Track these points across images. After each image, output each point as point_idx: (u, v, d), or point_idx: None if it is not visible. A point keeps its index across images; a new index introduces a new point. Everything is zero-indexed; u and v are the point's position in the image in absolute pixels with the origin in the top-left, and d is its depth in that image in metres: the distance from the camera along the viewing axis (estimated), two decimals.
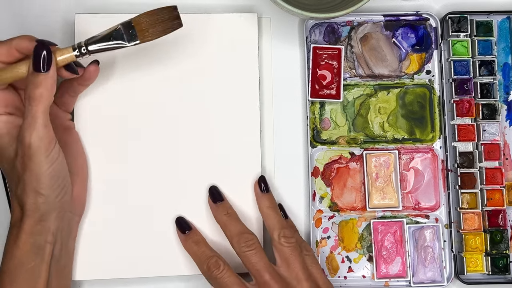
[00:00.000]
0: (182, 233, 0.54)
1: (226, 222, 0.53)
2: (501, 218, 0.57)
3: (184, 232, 0.54)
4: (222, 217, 0.53)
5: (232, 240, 0.51)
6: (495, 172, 0.57)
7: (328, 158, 0.58)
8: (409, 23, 0.60)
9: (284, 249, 0.51)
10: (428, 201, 0.58)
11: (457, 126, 0.58)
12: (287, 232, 0.52)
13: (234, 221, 0.53)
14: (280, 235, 0.51)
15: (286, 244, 0.51)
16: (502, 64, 0.60)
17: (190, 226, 0.54)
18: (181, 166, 0.56)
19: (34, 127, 0.45)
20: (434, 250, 0.57)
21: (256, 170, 0.56)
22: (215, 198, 0.54)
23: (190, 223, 0.55)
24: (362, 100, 0.59)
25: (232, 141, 0.56)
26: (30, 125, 0.45)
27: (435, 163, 0.59)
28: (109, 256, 0.55)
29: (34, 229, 0.47)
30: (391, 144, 0.59)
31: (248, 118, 0.57)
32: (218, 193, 0.55)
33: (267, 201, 0.54)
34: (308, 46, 0.59)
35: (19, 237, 0.47)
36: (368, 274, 0.57)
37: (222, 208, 0.54)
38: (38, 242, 0.47)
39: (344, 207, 0.58)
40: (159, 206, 0.55)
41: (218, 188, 0.55)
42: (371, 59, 0.59)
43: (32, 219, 0.47)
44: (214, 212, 0.54)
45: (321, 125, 0.59)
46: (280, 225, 0.52)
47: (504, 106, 0.60)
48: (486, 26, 0.59)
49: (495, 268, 0.56)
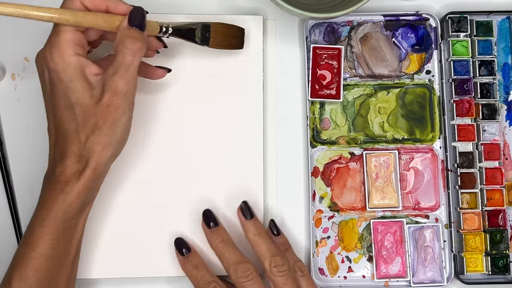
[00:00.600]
0: (181, 254, 0.53)
1: (222, 249, 0.52)
2: (501, 218, 0.57)
3: (182, 253, 0.53)
4: (217, 244, 0.52)
5: (229, 270, 0.50)
6: (495, 172, 0.57)
7: (328, 158, 0.59)
8: (409, 23, 0.60)
9: (277, 279, 0.50)
10: (428, 201, 0.58)
11: (457, 126, 0.58)
12: (278, 260, 0.50)
13: (230, 248, 0.52)
14: (271, 264, 0.50)
15: (279, 274, 0.50)
16: (502, 64, 0.60)
17: (189, 248, 0.54)
18: (183, 167, 0.56)
19: (126, 79, 0.46)
20: (434, 250, 0.57)
21: (258, 171, 0.56)
22: (209, 222, 0.53)
23: (189, 244, 0.54)
24: (362, 100, 0.59)
25: (235, 143, 0.57)
26: (123, 76, 0.45)
27: (435, 163, 0.59)
28: (109, 256, 0.55)
29: (91, 185, 0.47)
30: (391, 144, 0.59)
31: (251, 121, 0.57)
32: (212, 217, 0.53)
33: (253, 228, 0.52)
34: (308, 46, 0.59)
35: (71, 191, 0.46)
36: (368, 274, 0.57)
37: (217, 234, 0.53)
38: (88, 199, 0.47)
39: (344, 207, 0.58)
40: (162, 207, 0.56)
41: (212, 212, 0.54)
42: (371, 59, 0.60)
43: (94, 174, 0.46)
44: (208, 237, 0.53)
45: (321, 125, 0.59)
46: (270, 253, 0.51)
47: (504, 106, 0.60)
48: (486, 26, 0.59)
49: (495, 268, 0.56)
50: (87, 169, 0.46)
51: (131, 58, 0.46)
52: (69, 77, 0.45)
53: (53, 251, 0.46)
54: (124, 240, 0.55)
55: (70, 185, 0.46)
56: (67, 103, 0.46)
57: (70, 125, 0.46)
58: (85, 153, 0.46)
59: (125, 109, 0.47)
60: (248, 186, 0.56)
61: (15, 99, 0.58)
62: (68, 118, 0.46)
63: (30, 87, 0.58)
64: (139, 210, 0.55)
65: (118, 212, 0.55)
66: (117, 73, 0.45)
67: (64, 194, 0.46)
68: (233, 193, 0.56)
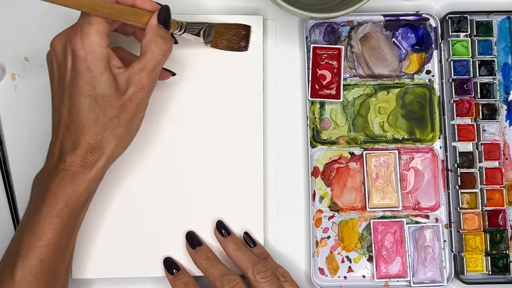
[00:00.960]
0: (170, 273, 0.53)
1: (207, 266, 0.52)
2: (501, 218, 0.57)
3: (172, 272, 0.53)
4: (202, 262, 0.52)
5: (215, 283, 0.50)
6: (495, 172, 0.57)
7: (328, 158, 0.59)
8: (409, 23, 0.60)
9: (262, 286, 0.50)
10: (428, 201, 0.58)
11: (457, 126, 0.58)
12: (260, 267, 0.51)
13: (215, 263, 0.52)
14: (255, 272, 0.50)
15: (263, 280, 0.50)
16: (502, 64, 0.60)
17: (178, 266, 0.54)
18: (183, 167, 0.56)
19: (152, 76, 0.47)
20: (434, 250, 0.57)
21: (258, 171, 0.56)
22: (193, 243, 0.54)
23: (178, 263, 0.54)
24: (362, 100, 0.59)
25: (235, 143, 0.56)
26: (150, 73, 0.47)
27: (435, 163, 0.59)
28: (109, 256, 0.55)
29: (101, 176, 0.47)
30: (391, 144, 0.59)
31: (251, 121, 0.57)
32: (196, 238, 0.54)
33: (231, 244, 0.53)
34: (308, 46, 0.59)
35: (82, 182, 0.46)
36: (368, 274, 0.57)
37: (201, 253, 0.53)
38: (95, 190, 0.48)
39: (344, 207, 0.58)
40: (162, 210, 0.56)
41: (196, 233, 0.55)
42: (371, 59, 0.60)
43: (106, 166, 0.47)
44: (193, 257, 0.54)
45: (321, 125, 0.59)
46: (252, 262, 0.51)
47: (504, 106, 0.60)
48: (486, 26, 0.59)
49: (495, 268, 0.56)
50: (100, 161, 0.46)
51: (160, 57, 0.48)
52: (99, 68, 0.46)
53: (59, 241, 0.46)
54: (119, 240, 0.55)
55: (81, 176, 0.46)
56: (91, 93, 0.46)
57: (90, 115, 0.46)
58: (100, 144, 0.46)
59: (144, 105, 0.48)
60: (248, 186, 0.56)
61: (15, 99, 0.58)
62: (89, 108, 0.46)
63: (30, 87, 0.58)
64: (135, 210, 0.55)
65: (114, 211, 0.55)
66: (145, 70, 0.47)
67: (75, 184, 0.46)
68: (233, 193, 0.56)
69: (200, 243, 0.54)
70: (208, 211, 0.56)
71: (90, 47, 0.45)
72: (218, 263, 0.52)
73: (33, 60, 0.59)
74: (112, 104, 0.46)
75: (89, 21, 0.46)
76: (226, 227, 0.55)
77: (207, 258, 0.53)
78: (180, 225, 0.55)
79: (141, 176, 0.56)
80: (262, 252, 0.55)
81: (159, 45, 0.47)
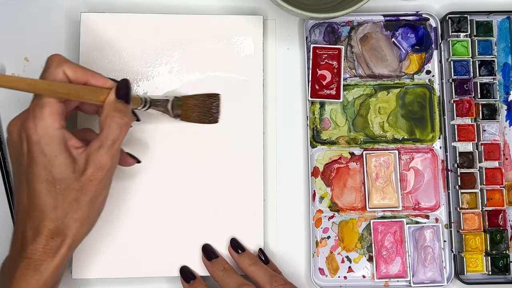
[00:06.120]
0: (186, 282, 0.54)
1: (223, 277, 0.52)
2: (501, 218, 0.57)
3: (189, 281, 0.54)
4: (218, 273, 0.52)
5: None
6: (495, 172, 0.57)
7: (328, 158, 0.59)
8: (409, 23, 0.60)
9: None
10: (428, 201, 0.58)
11: (457, 126, 0.58)
12: (279, 280, 0.51)
13: (231, 274, 0.52)
14: (273, 285, 0.50)
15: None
16: (502, 64, 0.60)
17: (195, 276, 0.54)
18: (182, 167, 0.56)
19: (111, 153, 0.45)
20: (434, 250, 0.57)
21: (258, 171, 0.56)
22: (209, 256, 0.54)
23: (194, 272, 0.54)
24: (362, 100, 0.59)
25: (235, 143, 0.56)
26: (108, 150, 0.45)
27: (435, 163, 0.59)
28: (109, 256, 0.55)
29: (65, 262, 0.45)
30: (391, 144, 0.59)
31: (251, 121, 0.57)
32: (212, 251, 0.54)
33: (247, 259, 0.53)
34: (308, 46, 0.59)
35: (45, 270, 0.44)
36: (368, 274, 0.57)
37: (217, 264, 0.53)
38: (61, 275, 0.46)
39: (344, 207, 0.58)
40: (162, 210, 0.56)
41: (211, 245, 0.55)
42: (371, 59, 0.60)
43: (69, 251, 0.45)
44: (209, 269, 0.54)
45: (321, 125, 0.59)
46: (269, 276, 0.51)
47: (504, 106, 0.60)
48: (486, 26, 0.59)
49: (495, 268, 0.56)
50: (62, 247, 0.44)
51: (118, 132, 0.46)
52: (54, 152, 0.44)
53: None
54: (119, 240, 0.55)
55: (44, 264, 0.44)
56: (48, 178, 0.44)
57: (48, 201, 0.44)
58: (61, 230, 0.44)
59: (106, 184, 0.46)
60: (248, 186, 0.56)
61: (15, 99, 0.58)
62: (47, 193, 0.44)
63: None
64: (135, 211, 0.55)
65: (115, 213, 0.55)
66: (102, 147, 0.45)
67: (39, 273, 0.44)
68: (233, 193, 0.56)
69: (216, 255, 0.54)
70: (207, 211, 0.55)
71: (43, 130, 0.44)
72: (235, 274, 0.52)
73: (33, 60, 0.59)
74: (71, 187, 0.44)
75: (41, 104, 0.44)
76: (241, 244, 0.55)
77: (224, 269, 0.53)
78: (180, 225, 0.55)
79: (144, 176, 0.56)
80: (276, 269, 0.55)
81: (116, 120, 0.46)
